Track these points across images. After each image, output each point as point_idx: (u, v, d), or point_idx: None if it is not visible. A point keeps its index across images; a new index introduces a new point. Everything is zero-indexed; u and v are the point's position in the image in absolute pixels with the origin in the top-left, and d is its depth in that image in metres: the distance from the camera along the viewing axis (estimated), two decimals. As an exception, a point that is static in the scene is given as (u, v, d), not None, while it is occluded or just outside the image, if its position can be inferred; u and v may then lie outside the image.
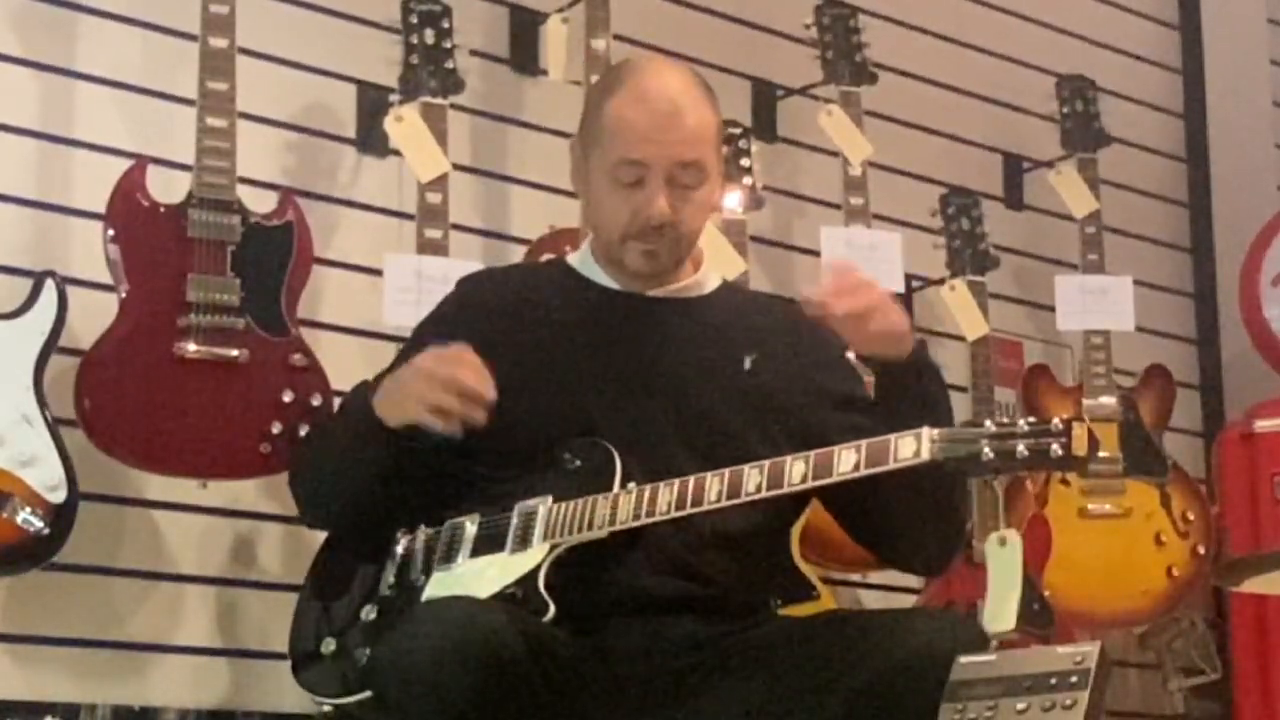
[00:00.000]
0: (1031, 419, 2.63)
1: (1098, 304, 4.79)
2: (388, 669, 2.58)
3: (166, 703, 3.65)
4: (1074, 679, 2.37)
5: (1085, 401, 4.73)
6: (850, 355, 2.97)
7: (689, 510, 2.73)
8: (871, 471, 2.67)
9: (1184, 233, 5.59)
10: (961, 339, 4.62)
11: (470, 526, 2.87)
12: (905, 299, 4.72)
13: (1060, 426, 2.59)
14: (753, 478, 2.72)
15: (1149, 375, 4.91)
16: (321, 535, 3.18)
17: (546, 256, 3.85)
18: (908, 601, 4.42)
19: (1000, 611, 2.67)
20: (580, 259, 3.06)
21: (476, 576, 2.79)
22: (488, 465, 2.90)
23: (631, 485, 2.77)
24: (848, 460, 2.67)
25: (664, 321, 2.96)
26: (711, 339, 2.96)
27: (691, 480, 2.74)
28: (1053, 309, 4.84)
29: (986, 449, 2.60)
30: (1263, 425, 4.96)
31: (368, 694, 2.78)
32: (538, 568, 2.76)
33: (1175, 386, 4.97)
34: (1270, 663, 4.87)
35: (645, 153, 2.88)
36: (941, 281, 4.65)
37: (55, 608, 3.53)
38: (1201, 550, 4.75)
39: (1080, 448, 2.57)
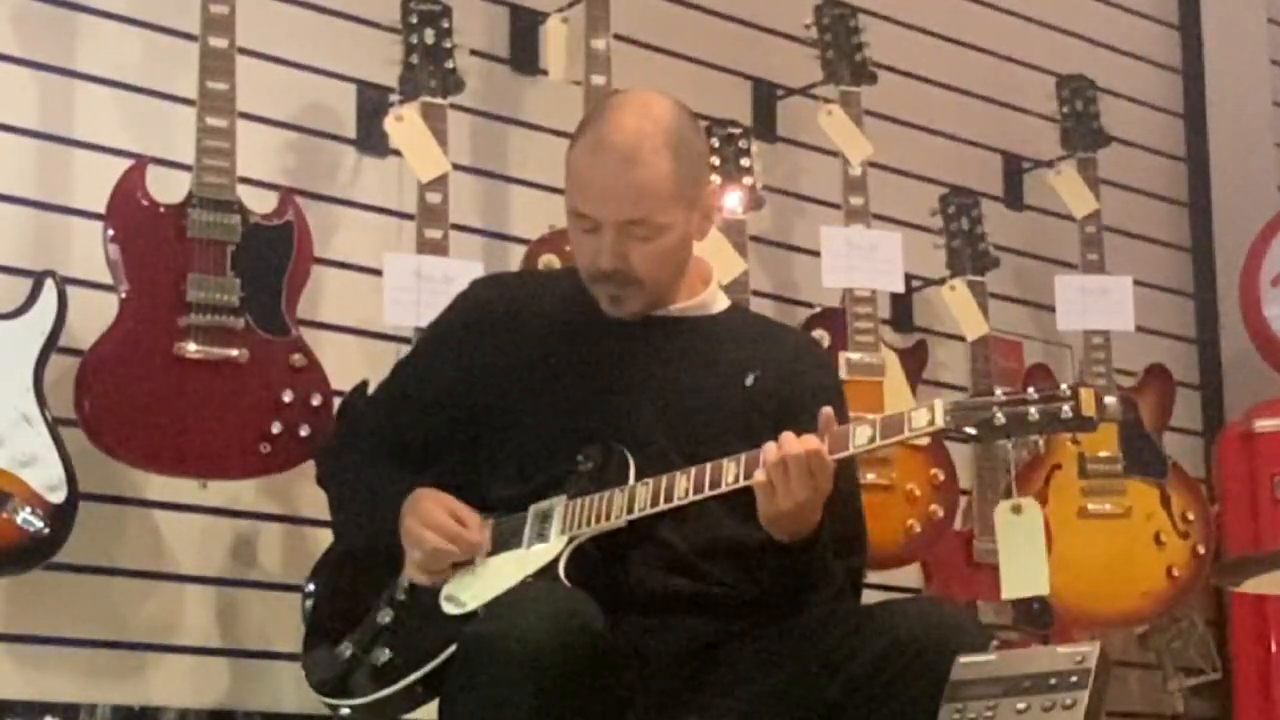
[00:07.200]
0: (1040, 385, 2.70)
1: (1098, 304, 4.79)
2: (482, 652, 2.57)
3: (166, 703, 3.65)
4: (1074, 679, 2.37)
5: (1086, 402, 4.73)
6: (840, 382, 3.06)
7: (707, 493, 2.73)
8: (888, 443, 2.69)
9: (1184, 233, 5.59)
10: (961, 339, 4.62)
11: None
12: (905, 299, 4.73)
13: (1068, 391, 2.65)
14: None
15: (1149, 375, 4.90)
16: (324, 537, 3.18)
17: (546, 256, 3.85)
18: (908, 601, 4.42)
19: (1027, 577, 2.74)
20: None
21: (495, 573, 2.78)
22: (498, 479, 2.91)
23: (647, 480, 2.78)
24: (863, 434, 2.70)
25: (668, 340, 2.95)
26: (714, 356, 2.95)
27: (709, 466, 2.74)
28: (1053, 309, 4.83)
29: (999, 414, 2.66)
30: (1263, 425, 4.96)
31: (381, 694, 2.80)
32: (556, 559, 2.76)
33: (1175, 386, 4.96)
34: (1270, 663, 4.88)
35: (591, 209, 2.87)
36: (941, 281, 4.64)
37: (55, 608, 3.53)
38: (1201, 550, 4.74)
39: (1089, 409, 2.64)
